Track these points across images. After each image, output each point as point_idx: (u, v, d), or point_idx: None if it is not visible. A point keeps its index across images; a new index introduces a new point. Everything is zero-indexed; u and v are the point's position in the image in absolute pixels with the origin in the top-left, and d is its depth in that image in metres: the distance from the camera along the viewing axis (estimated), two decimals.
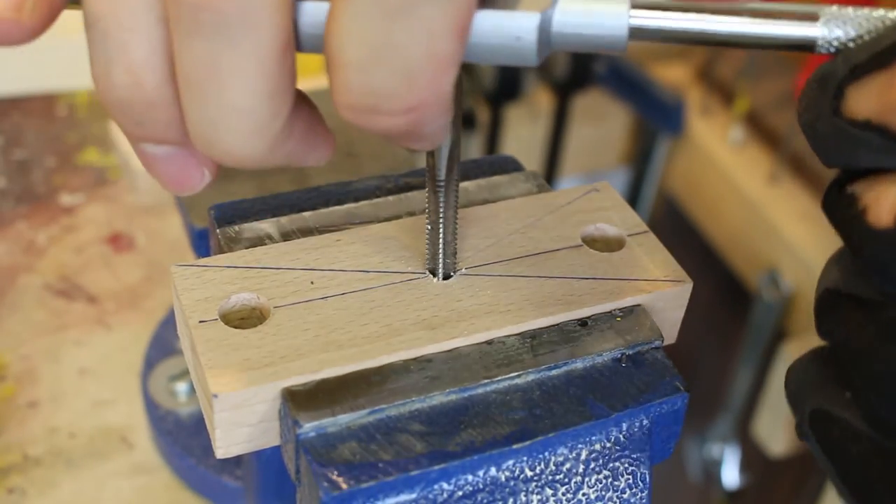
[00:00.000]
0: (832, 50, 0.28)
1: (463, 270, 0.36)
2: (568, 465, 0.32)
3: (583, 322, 0.35)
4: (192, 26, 0.26)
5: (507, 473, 0.32)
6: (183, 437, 0.53)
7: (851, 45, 0.28)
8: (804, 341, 1.10)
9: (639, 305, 0.36)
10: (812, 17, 0.28)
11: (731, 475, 1.34)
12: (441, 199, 0.34)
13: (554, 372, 0.33)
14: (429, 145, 0.30)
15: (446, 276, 0.35)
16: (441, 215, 0.34)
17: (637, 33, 0.28)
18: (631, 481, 0.33)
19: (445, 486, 0.31)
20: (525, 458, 0.32)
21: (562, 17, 0.28)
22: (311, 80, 0.42)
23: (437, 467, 0.30)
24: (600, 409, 0.32)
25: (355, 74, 0.26)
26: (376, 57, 0.25)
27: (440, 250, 0.35)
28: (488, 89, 1.32)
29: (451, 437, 0.31)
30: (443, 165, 0.33)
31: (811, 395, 0.32)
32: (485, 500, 0.31)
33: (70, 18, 0.32)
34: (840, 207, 0.29)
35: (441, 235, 0.35)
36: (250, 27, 0.26)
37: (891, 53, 0.26)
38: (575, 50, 0.29)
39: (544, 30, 0.28)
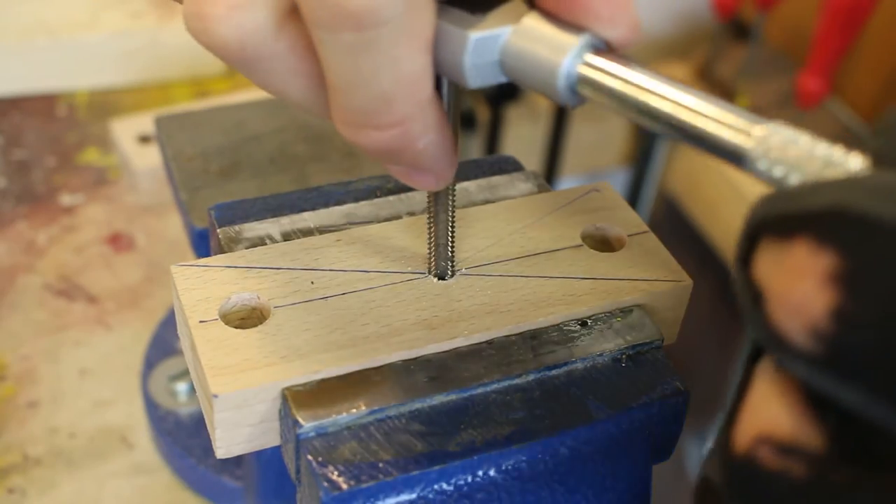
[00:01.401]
0: (762, 176, 0.23)
1: (463, 270, 0.36)
2: (568, 466, 0.32)
3: (583, 322, 0.35)
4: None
5: (507, 473, 0.31)
6: (183, 437, 0.53)
7: (780, 179, 0.22)
8: None
9: (639, 305, 0.36)
10: (744, 131, 0.23)
11: None
12: (439, 200, 0.34)
13: (554, 372, 0.33)
14: (433, 176, 0.30)
15: (446, 276, 0.35)
16: (440, 216, 0.34)
17: (582, 84, 0.26)
18: (631, 481, 0.33)
19: (445, 486, 0.31)
20: (525, 458, 0.32)
21: (508, 47, 0.27)
22: None
23: (437, 467, 0.30)
24: (600, 409, 0.32)
25: (340, 96, 0.27)
26: (352, 84, 0.26)
27: (440, 250, 0.35)
28: (488, 89, 1.32)
29: (451, 437, 0.31)
30: None
31: None
32: (485, 500, 0.31)
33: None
34: (738, 392, 0.23)
35: (441, 235, 0.35)
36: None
37: (791, 223, 0.20)
38: (527, 87, 0.28)
39: (484, 55, 0.27)
